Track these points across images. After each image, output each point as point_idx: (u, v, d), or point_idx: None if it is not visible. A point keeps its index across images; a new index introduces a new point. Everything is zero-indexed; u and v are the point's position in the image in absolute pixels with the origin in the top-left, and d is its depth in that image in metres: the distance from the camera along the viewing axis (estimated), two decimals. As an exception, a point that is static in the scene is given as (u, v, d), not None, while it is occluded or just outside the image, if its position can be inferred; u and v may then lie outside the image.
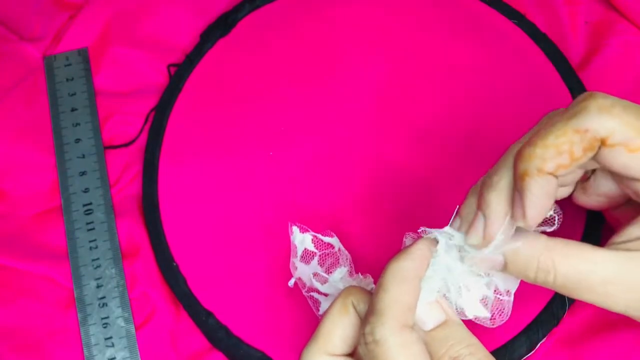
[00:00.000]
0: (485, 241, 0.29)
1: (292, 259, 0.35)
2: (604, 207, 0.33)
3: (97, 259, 0.41)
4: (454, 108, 0.43)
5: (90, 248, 0.41)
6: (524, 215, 0.28)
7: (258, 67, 0.45)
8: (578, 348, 0.37)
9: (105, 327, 0.39)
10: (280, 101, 0.44)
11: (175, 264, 0.40)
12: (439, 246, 0.29)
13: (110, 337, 0.39)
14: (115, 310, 0.40)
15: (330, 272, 0.35)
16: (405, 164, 0.41)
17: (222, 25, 0.46)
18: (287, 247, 0.40)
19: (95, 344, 0.39)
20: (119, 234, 0.42)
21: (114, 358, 0.38)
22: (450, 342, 0.28)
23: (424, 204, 0.40)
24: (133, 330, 0.39)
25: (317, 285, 0.34)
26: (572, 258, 0.28)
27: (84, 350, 0.39)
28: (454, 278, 0.29)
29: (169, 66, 0.46)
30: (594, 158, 0.27)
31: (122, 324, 0.39)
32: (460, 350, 0.27)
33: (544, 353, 0.37)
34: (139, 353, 0.39)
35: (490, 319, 0.30)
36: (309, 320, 0.38)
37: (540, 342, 0.37)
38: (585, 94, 0.27)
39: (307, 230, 0.35)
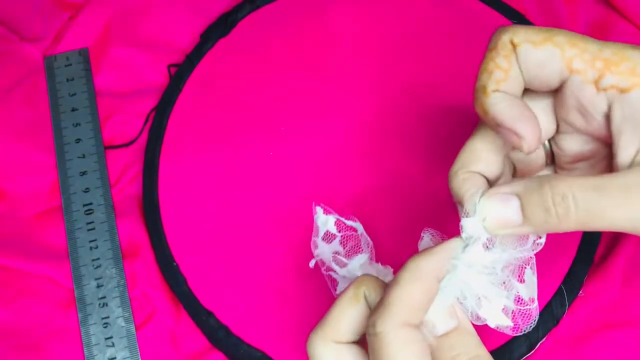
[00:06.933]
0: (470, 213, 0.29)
1: (313, 238, 0.35)
2: None
3: (98, 259, 0.41)
4: (455, 107, 0.43)
5: (91, 248, 0.41)
6: (517, 133, 0.28)
7: (258, 67, 0.45)
8: (578, 348, 0.37)
9: (105, 327, 0.39)
10: (280, 101, 0.44)
11: (175, 264, 0.40)
12: (461, 251, 0.28)
13: (111, 337, 0.39)
14: (116, 310, 0.40)
15: (351, 256, 0.34)
16: (405, 163, 0.41)
17: (222, 25, 0.46)
18: (287, 247, 0.40)
19: (95, 344, 0.39)
20: (119, 234, 0.42)
21: (115, 358, 0.38)
22: (456, 351, 0.27)
23: (421, 210, 0.40)
24: (133, 330, 0.39)
25: (336, 268, 0.34)
26: (581, 177, 0.26)
27: (84, 350, 0.39)
28: (474, 288, 0.29)
29: (169, 66, 0.46)
30: (523, 75, 0.29)
31: (123, 323, 0.39)
32: None
33: (544, 353, 0.37)
34: (139, 353, 0.39)
35: (514, 328, 0.29)
36: (309, 320, 0.38)
37: (540, 342, 0.37)
38: None
39: (330, 212, 0.35)
